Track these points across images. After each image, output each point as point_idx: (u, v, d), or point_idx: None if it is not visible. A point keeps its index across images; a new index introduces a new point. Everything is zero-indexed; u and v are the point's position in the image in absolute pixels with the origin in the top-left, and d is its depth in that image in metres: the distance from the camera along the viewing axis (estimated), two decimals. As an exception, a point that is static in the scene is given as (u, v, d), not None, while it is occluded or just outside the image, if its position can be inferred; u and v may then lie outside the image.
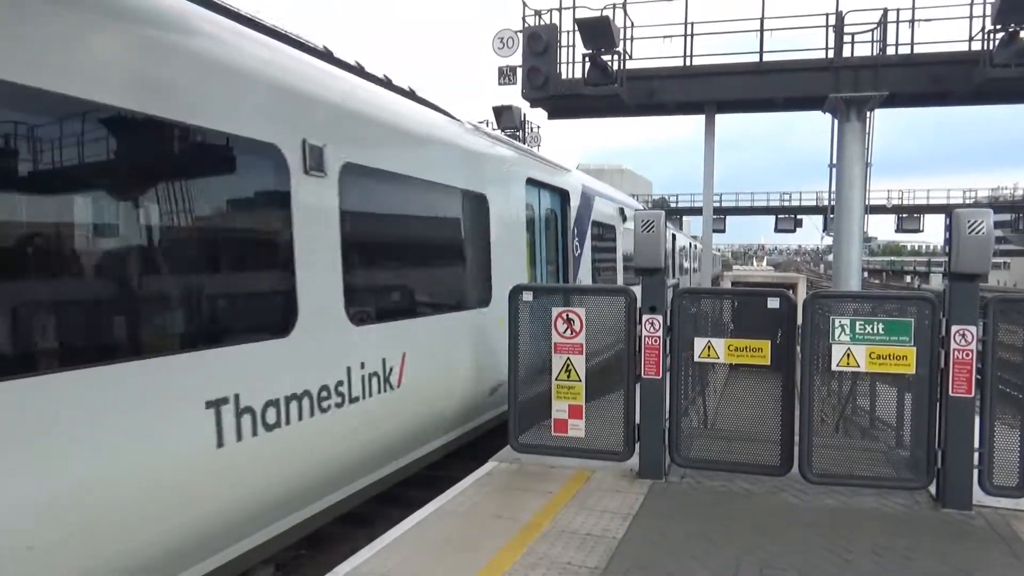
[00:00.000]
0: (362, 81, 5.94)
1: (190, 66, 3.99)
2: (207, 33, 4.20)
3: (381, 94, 6.14)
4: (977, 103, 14.97)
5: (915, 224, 43.93)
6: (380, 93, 6.13)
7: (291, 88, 4.79)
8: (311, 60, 5.31)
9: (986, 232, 5.13)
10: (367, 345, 5.45)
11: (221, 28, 4.39)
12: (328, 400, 4.97)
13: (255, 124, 4.41)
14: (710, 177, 16.34)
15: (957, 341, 5.21)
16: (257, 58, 4.57)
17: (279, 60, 4.83)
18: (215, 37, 4.26)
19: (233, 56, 4.33)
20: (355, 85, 5.71)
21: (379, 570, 4.28)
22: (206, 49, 4.13)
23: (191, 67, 3.99)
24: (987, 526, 5.04)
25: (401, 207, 6.15)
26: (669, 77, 15.01)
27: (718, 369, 7.82)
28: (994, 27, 12.68)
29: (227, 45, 4.32)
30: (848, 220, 14.97)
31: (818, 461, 5.62)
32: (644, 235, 5.91)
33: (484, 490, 5.73)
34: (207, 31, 4.21)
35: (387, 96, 6.25)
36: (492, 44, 14.74)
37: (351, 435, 5.28)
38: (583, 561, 4.41)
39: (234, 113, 4.24)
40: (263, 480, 4.43)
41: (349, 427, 5.23)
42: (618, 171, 64.71)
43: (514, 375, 6.36)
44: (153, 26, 3.80)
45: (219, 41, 4.27)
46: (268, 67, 4.65)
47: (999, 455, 5.28)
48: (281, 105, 4.67)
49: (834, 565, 4.38)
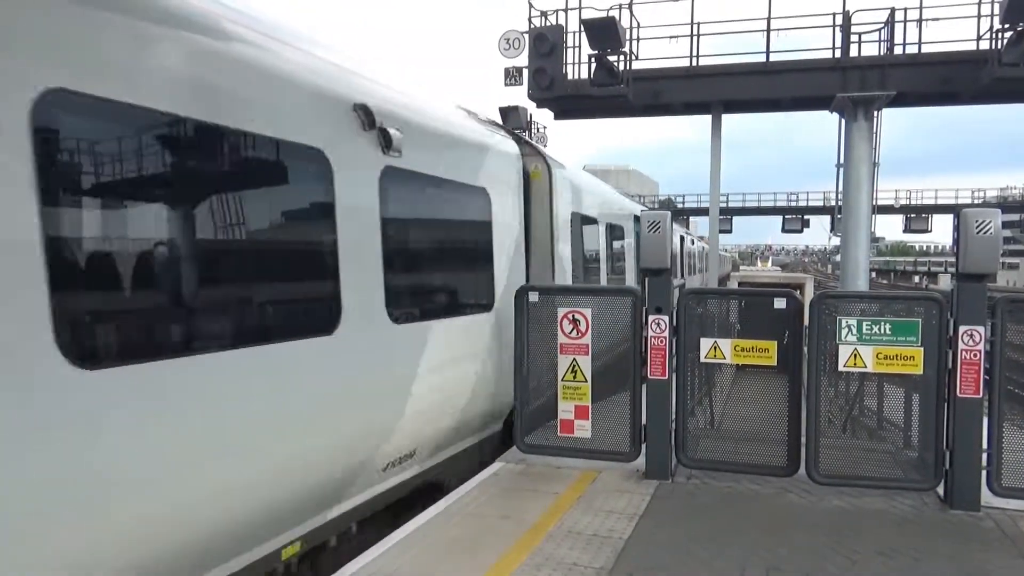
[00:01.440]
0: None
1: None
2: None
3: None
4: (985, 102, 14.90)
5: (923, 224, 43.78)
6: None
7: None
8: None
9: (994, 232, 5.10)
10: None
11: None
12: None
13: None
14: (716, 177, 16.32)
15: (965, 341, 5.18)
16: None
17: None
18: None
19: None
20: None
21: (386, 570, 4.29)
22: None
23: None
24: (996, 527, 5.01)
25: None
26: (675, 77, 14.99)
27: (725, 370, 7.82)
28: (1002, 26, 12.62)
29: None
30: (855, 220, 14.92)
31: (825, 462, 5.59)
32: (650, 235, 5.91)
33: (491, 491, 5.74)
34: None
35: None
36: (498, 45, 14.77)
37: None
38: (589, 562, 4.41)
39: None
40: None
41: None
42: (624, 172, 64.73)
43: (520, 376, 6.37)
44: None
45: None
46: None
47: (1007, 456, 5.25)
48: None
49: (841, 567, 4.37)
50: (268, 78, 4.14)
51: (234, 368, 3.84)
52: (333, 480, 4.71)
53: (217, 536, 3.80)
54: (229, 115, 3.82)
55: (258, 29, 4.23)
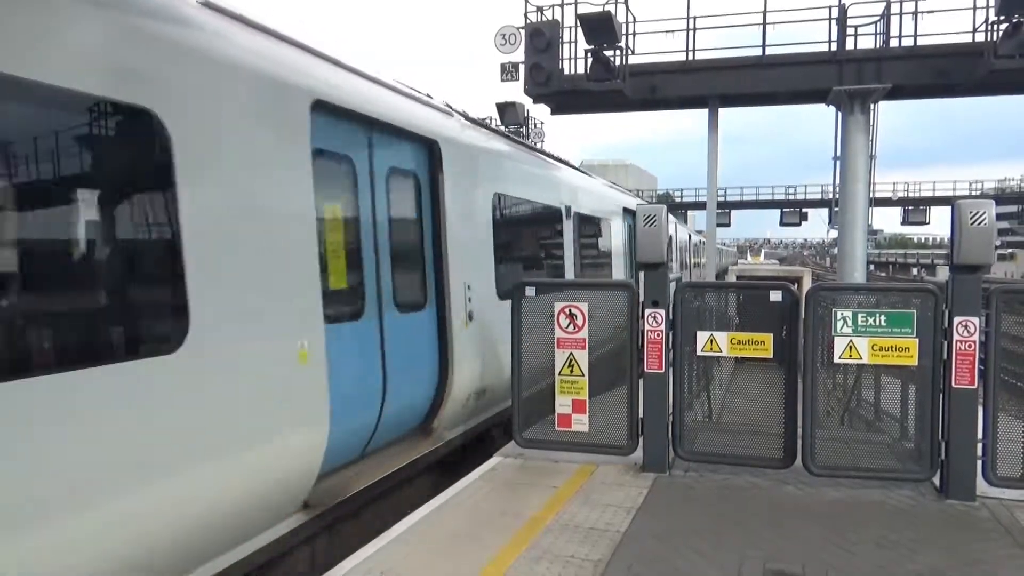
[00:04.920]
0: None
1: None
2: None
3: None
4: (982, 94, 14.92)
5: (921, 216, 43.69)
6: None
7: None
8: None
9: (988, 223, 5.11)
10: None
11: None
12: None
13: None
14: (714, 171, 16.32)
15: (960, 332, 5.20)
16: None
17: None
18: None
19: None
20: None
21: (385, 564, 4.31)
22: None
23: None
24: (991, 517, 5.04)
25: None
26: (672, 72, 14.99)
27: (723, 363, 7.83)
28: (998, 18, 12.63)
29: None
30: (852, 213, 14.94)
31: (821, 454, 5.62)
32: (646, 229, 5.92)
33: (489, 485, 5.76)
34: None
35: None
36: (495, 41, 14.75)
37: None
38: (587, 554, 4.44)
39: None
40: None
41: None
42: (623, 167, 64.64)
43: (517, 370, 6.38)
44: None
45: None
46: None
47: (1002, 446, 5.28)
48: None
49: (838, 557, 4.39)
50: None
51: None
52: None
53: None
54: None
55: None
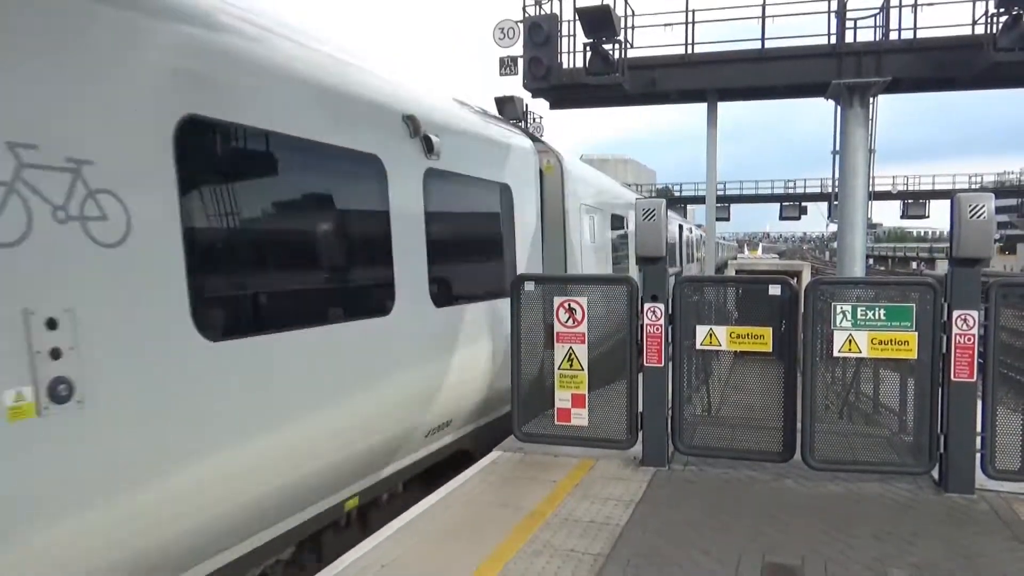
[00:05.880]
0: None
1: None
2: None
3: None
4: (982, 88, 14.85)
5: (921, 210, 43.71)
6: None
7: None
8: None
9: (987, 216, 5.11)
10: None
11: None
12: None
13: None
14: (713, 165, 16.30)
15: (959, 326, 5.20)
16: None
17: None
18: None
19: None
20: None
21: (384, 558, 4.32)
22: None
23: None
24: (990, 510, 5.05)
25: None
26: (671, 66, 14.94)
27: (722, 357, 7.84)
28: (997, 11, 12.58)
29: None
30: (851, 207, 14.91)
31: (820, 447, 5.63)
32: (646, 223, 5.92)
33: (488, 479, 5.77)
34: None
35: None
36: (493, 35, 14.69)
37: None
38: (586, 548, 4.45)
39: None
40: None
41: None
42: (622, 161, 64.61)
43: (516, 365, 6.39)
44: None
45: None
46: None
47: (1001, 439, 5.29)
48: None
49: (837, 551, 4.40)
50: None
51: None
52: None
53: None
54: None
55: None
